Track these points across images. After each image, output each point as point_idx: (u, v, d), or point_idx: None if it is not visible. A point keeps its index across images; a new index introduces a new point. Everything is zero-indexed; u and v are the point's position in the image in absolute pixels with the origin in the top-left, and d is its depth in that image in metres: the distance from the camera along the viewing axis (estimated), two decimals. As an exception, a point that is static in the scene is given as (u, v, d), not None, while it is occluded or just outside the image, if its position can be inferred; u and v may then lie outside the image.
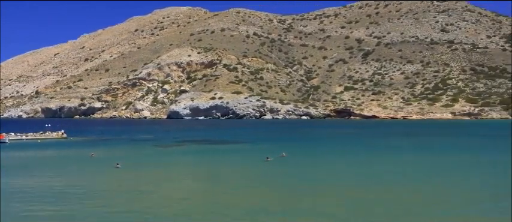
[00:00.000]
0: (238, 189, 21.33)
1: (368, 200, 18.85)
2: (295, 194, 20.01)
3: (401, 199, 19.03)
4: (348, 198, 19.11)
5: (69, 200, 18.77)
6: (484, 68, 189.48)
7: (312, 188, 21.42)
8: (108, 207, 17.49)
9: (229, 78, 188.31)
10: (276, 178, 24.93)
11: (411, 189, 21.24)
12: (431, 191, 20.94)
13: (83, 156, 36.49)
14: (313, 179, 24.25)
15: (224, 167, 30.06)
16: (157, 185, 22.49)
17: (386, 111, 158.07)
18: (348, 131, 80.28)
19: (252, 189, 21.63)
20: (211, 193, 20.52)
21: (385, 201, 18.64)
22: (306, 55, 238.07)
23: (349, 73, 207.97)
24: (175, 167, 30.23)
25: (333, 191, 20.70)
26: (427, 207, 17.52)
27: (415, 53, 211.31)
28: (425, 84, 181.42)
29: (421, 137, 62.91)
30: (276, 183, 23.28)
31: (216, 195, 19.81)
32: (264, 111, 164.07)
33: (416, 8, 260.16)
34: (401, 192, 20.60)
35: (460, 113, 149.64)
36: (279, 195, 19.80)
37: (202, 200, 19.15)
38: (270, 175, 25.91)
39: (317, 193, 20.14)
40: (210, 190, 21.43)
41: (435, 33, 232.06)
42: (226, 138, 57.86)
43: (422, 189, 21.27)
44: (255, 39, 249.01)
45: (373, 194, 19.93)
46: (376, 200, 18.83)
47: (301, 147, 46.07)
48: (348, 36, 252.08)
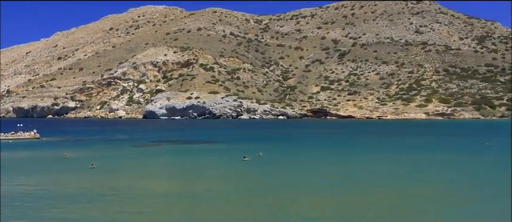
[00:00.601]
0: (215, 190, 21.14)
1: (341, 199, 18.93)
2: (271, 194, 19.95)
3: (380, 199, 19.15)
4: (323, 198, 19.13)
5: (40, 201, 18.22)
6: (457, 69, 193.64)
7: (288, 187, 21.38)
8: (81, 209, 17.05)
9: (205, 78, 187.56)
10: (253, 178, 24.82)
11: (389, 189, 21.41)
12: (408, 189, 21.16)
13: (56, 157, 35.68)
14: (289, 179, 24.24)
15: (201, 167, 29.81)
16: (132, 186, 22.10)
17: (362, 111, 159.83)
18: (324, 130, 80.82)
19: (229, 189, 21.48)
20: (187, 194, 20.27)
21: (360, 201, 18.74)
22: (282, 55, 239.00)
23: (325, 73, 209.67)
24: (151, 168, 29.81)
25: (309, 190, 20.71)
26: (407, 205, 17.67)
27: (390, 54, 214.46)
28: (400, 85, 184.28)
29: (397, 137, 63.75)
30: (253, 183, 23.17)
31: (193, 196, 19.56)
32: (240, 111, 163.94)
33: (391, 10, 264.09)
34: (379, 191, 20.74)
35: (434, 113, 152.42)
36: (256, 195, 19.68)
37: (179, 200, 18.88)
38: (247, 175, 25.79)
39: (293, 192, 20.09)
40: (186, 191, 21.16)
41: (409, 34, 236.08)
42: (203, 138, 57.51)
43: (402, 187, 21.47)
44: (232, 39, 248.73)
45: (346, 194, 20.02)
46: (351, 199, 18.93)
47: (278, 147, 46.11)
48: (324, 36, 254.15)
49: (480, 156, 35.61)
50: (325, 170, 27.90)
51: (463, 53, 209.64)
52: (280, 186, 21.68)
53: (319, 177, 24.79)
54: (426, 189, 21.17)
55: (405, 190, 20.67)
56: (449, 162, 32.34)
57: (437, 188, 21.67)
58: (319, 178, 24.54)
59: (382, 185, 22.28)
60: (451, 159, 34.20)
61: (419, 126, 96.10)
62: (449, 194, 20.11)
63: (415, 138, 59.14)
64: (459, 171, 27.45)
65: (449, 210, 16.92)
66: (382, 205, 17.69)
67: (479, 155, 36.45)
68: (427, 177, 25.11)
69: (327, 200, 18.72)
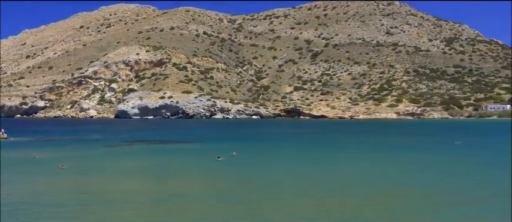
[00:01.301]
0: (189, 190, 21.04)
1: (314, 198, 19.12)
2: (245, 193, 19.98)
3: (354, 199, 19.44)
4: (297, 197, 19.29)
5: (5, 204, 17.75)
6: (426, 70, 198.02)
7: (261, 187, 21.48)
8: (45, 213, 16.67)
9: (178, 78, 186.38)
10: (227, 178, 24.84)
11: (364, 189, 21.73)
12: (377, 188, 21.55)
13: (25, 157, 34.81)
14: (263, 178, 24.36)
15: (174, 168, 29.63)
16: (104, 187, 21.80)
17: (334, 111, 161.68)
18: (297, 130, 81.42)
19: (202, 189, 21.43)
20: (161, 195, 20.09)
21: (334, 200, 18.99)
22: (256, 55, 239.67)
23: (298, 73, 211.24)
24: (123, 168, 29.43)
25: (283, 190, 20.85)
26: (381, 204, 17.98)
27: (361, 55, 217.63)
28: (372, 85, 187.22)
29: (370, 136, 64.77)
30: (227, 183, 23.19)
31: (166, 197, 19.42)
32: (214, 111, 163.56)
33: (362, 11, 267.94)
34: (353, 191, 21.06)
35: (404, 113, 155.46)
36: (229, 195, 19.69)
37: (151, 202, 18.70)
38: (221, 175, 25.79)
39: (266, 192, 20.18)
40: (159, 192, 20.97)
41: (381, 35, 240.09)
42: (177, 138, 57.16)
43: (378, 187, 21.84)
44: (205, 38, 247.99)
45: (319, 193, 20.23)
46: (324, 199, 19.15)
47: (252, 146, 46.24)
48: (297, 37, 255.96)
49: (452, 155, 36.53)
50: (298, 169, 28.13)
51: (432, 54, 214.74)
52: (253, 186, 21.76)
53: (292, 177, 24.98)
54: (399, 189, 21.61)
55: (380, 190, 21.04)
56: (422, 160, 33.07)
57: (410, 187, 22.14)
58: (293, 178, 24.74)
59: (356, 185, 22.61)
60: (424, 157, 34.97)
61: (391, 126, 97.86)
62: (424, 194, 20.59)
63: (387, 138, 60.22)
64: (431, 170, 28.09)
65: (421, 210, 17.32)
66: (357, 205, 17.98)
67: (451, 154, 37.39)
68: (399, 175, 25.61)
69: (300, 199, 18.90)
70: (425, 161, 32.60)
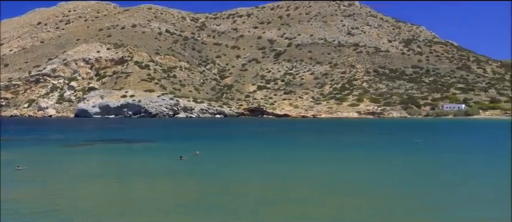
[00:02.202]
0: (150, 189, 20.92)
1: (277, 196, 19.42)
2: (207, 193, 19.98)
3: (316, 196, 19.85)
4: (260, 196, 19.48)
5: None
6: (386, 70, 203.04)
7: (224, 186, 21.60)
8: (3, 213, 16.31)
9: (141, 76, 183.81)
10: (189, 177, 24.82)
11: (326, 187, 22.21)
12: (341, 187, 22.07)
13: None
14: (226, 177, 24.48)
15: (136, 166, 29.28)
16: (63, 187, 21.38)
17: (297, 110, 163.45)
18: (260, 129, 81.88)
19: (164, 188, 21.32)
20: (121, 194, 19.93)
21: (296, 198, 19.35)
22: (219, 54, 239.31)
23: (261, 73, 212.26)
24: (84, 168, 28.91)
25: (246, 189, 21.05)
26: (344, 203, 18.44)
27: (323, 55, 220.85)
28: (334, 85, 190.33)
29: (332, 135, 65.93)
30: (189, 182, 23.18)
31: (127, 196, 19.26)
32: (177, 110, 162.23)
33: (324, 12, 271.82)
34: (317, 189, 21.48)
35: (365, 112, 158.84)
36: (192, 195, 19.71)
37: (111, 201, 18.54)
38: (183, 174, 25.74)
39: (229, 191, 20.32)
40: (120, 191, 20.78)
41: (342, 36, 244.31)
42: (139, 137, 56.45)
43: (340, 185, 22.36)
44: (168, 36, 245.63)
45: (281, 191, 20.55)
46: (285, 197, 19.48)
47: (215, 145, 46.25)
48: (260, 36, 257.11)
49: (413, 153, 37.74)
50: (262, 168, 28.41)
51: (391, 54, 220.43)
52: (215, 185, 21.84)
53: (256, 176, 25.22)
54: (360, 187, 22.20)
55: (342, 187, 21.57)
56: (384, 158, 33.99)
57: (370, 184, 22.81)
58: (257, 176, 24.97)
59: (319, 183, 23.07)
60: (386, 155, 35.97)
61: (353, 125, 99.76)
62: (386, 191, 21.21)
63: (350, 136, 61.44)
64: (395, 167, 28.96)
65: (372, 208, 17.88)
66: (317, 202, 18.37)
67: (412, 152, 38.62)
68: (361, 173, 26.28)
69: (262, 198, 19.14)
70: (387, 159, 33.55)
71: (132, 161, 32.72)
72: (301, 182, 22.76)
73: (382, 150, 40.65)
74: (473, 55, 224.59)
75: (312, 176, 24.66)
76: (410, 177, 24.75)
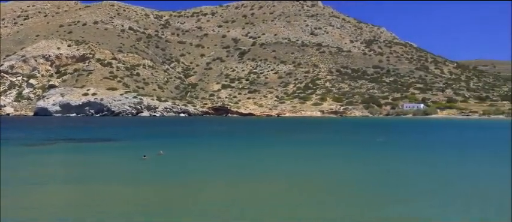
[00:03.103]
0: (112, 190, 20.73)
1: (243, 195, 19.81)
2: (170, 193, 19.87)
3: (282, 191, 20.37)
4: (223, 195, 19.67)
5: None
6: (348, 70, 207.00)
7: (187, 186, 21.67)
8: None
9: (103, 74, 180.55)
10: (152, 177, 24.76)
11: (290, 180, 22.78)
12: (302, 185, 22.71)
13: None
14: (189, 176, 24.57)
15: (98, 166, 28.89)
16: (21, 189, 21.03)
17: (262, 109, 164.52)
18: (225, 128, 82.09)
19: (125, 189, 21.11)
20: (81, 195, 19.77)
21: (264, 196, 19.79)
22: (183, 52, 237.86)
23: (226, 71, 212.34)
24: (44, 168, 28.36)
25: (209, 189, 21.19)
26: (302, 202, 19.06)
27: (287, 54, 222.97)
28: (297, 84, 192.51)
29: (297, 133, 66.88)
30: (152, 182, 23.10)
31: (86, 198, 19.02)
32: (141, 109, 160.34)
33: (288, 12, 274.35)
34: (283, 184, 21.99)
35: (328, 111, 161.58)
36: (154, 195, 19.59)
37: (71, 202, 18.42)
38: (146, 174, 25.68)
39: (192, 191, 20.42)
40: (80, 191, 20.56)
41: (305, 36, 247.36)
42: (102, 136, 55.65)
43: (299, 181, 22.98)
44: (131, 34, 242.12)
45: (248, 189, 20.93)
46: (252, 194, 19.87)
47: (180, 144, 46.18)
48: (224, 35, 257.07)
49: (376, 151, 38.97)
50: (226, 167, 28.71)
51: (353, 55, 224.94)
52: (179, 186, 21.90)
53: (220, 174, 25.47)
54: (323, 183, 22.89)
55: (307, 186, 22.15)
56: (348, 156, 34.97)
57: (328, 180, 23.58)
58: (221, 175, 25.23)
59: (285, 177, 23.60)
60: (350, 153, 37.00)
61: (316, 124, 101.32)
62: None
63: (313, 135, 62.50)
64: (357, 164, 29.92)
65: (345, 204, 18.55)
66: (282, 201, 18.82)
67: (375, 150, 39.87)
68: (324, 171, 27.02)
69: (226, 197, 19.43)
70: (351, 157, 34.55)
71: (94, 160, 32.31)
72: (266, 181, 23.21)
73: (346, 148, 41.74)
74: (431, 56, 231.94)
75: (277, 175, 25.19)
76: (371, 174, 25.69)
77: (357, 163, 30.58)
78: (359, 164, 29.93)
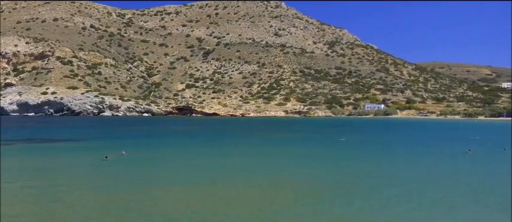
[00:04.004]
0: (71, 192, 20.41)
1: (205, 195, 20.04)
2: (131, 194, 19.68)
3: (245, 192, 20.74)
4: (184, 195, 19.73)
5: None
6: (311, 71, 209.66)
7: (149, 187, 21.55)
8: None
9: (63, 72, 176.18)
10: (113, 178, 24.53)
11: (256, 182, 23.17)
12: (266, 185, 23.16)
13: None
14: (151, 177, 24.43)
15: (57, 168, 28.38)
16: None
17: (226, 109, 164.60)
18: (189, 127, 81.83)
19: (86, 191, 20.83)
20: (39, 197, 19.35)
21: (226, 196, 20.09)
22: (146, 51, 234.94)
23: (190, 71, 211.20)
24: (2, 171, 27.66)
25: (170, 190, 21.14)
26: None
27: (252, 55, 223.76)
28: (262, 84, 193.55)
29: (261, 133, 67.43)
30: (113, 183, 22.87)
31: (45, 201, 18.59)
32: (102, 108, 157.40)
33: (252, 12, 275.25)
34: (245, 185, 22.36)
35: (292, 111, 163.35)
36: (115, 197, 19.33)
37: (29, 205, 18.09)
38: (107, 175, 25.41)
39: (154, 192, 20.20)
40: (39, 194, 20.15)
41: (269, 36, 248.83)
42: (62, 137, 54.48)
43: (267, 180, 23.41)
44: (92, 32, 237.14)
45: (210, 190, 21.16)
46: (214, 195, 20.14)
47: (143, 144, 45.83)
48: (188, 34, 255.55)
49: (338, 150, 39.91)
50: (189, 167, 28.78)
51: (316, 56, 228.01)
52: (140, 186, 21.73)
53: (183, 174, 25.54)
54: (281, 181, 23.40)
55: (272, 185, 22.57)
56: (311, 155, 35.67)
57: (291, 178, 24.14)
58: (184, 175, 25.31)
59: (247, 178, 23.97)
60: (313, 152, 37.74)
61: (280, 123, 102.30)
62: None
63: (278, 135, 63.22)
64: (319, 163, 30.61)
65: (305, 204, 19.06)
66: (245, 201, 19.16)
67: (338, 149, 40.82)
68: (290, 171, 27.55)
69: (189, 197, 19.53)
70: (314, 156, 35.26)
71: (53, 161, 31.71)
72: (230, 181, 23.51)
73: (310, 148, 42.53)
74: (391, 58, 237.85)
75: (240, 175, 25.52)
76: (334, 172, 26.45)
77: (321, 162, 31.32)
78: (323, 164, 30.67)
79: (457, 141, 50.97)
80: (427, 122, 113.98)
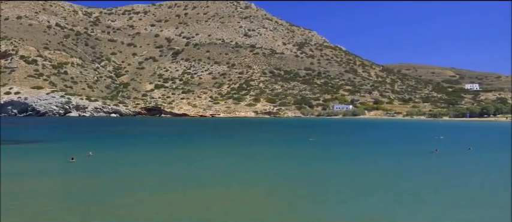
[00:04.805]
0: (35, 195, 19.77)
1: (174, 197, 19.88)
2: (98, 197, 19.21)
3: (217, 194, 20.65)
4: (152, 196, 19.41)
5: None
6: (281, 72, 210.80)
7: (117, 188, 21.25)
8: None
9: (27, 72, 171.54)
10: (79, 180, 23.94)
11: (226, 184, 23.10)
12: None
13: None
14: (120, 179, 24.05)
15: (21, 170, 27.50)
16: None
17: (196, 110, 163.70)
18: (158, 128, 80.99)
19: (51, 194, 20.28)
20: (4, 200, 18.71)
21: (193, 198, 19.98)
22: (114, 51, 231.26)
23: (159, 71, 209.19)
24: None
25: (138, 191, 20.79)
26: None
27: (221, 55, 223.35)
28: (231, 85, 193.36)
29: (231, 132, 67.43)
30: (80, 185, 22.39)
31: (8, 204, 18.00)
32: (69, 109, 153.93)
33: (222, 12, 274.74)
34: (217, 187, 22.26)
35: (262, 112, 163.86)
36: (81, 198, 18.97)
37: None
38: (74, 177, 24.82)
39: (121, 193, 19.92)
40: (4, 195, 19.49)
41: (239, 37, 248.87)
42: (26, 138, 52.97)
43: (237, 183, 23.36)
44: (58, 30, 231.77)
45: (179, 192, 20.98)
46: (183, 197, 20.03)
47: (110, 145, 45.07)
48: (157, 34, 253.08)
49: (309, 150, 40.23)
50: (157, 169, 28.48)
51: (286, 57, 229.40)
52: (107, 188, 21.37)
53: (151, 176, 25.22)
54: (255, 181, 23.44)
55: (242, 185, 22.55)
56: (285, 154, 35.86)
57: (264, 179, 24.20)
58: (151, 177, 25.01)
59: (219, 181, 23.85)
60: (286, 152, 37.95)
61: (250, 124, 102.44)
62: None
63: (248, 135, 63.28)
64: (293, 161, 30.79)
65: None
66: (218, 200, 19.10)
67: (309, 149, 41.15)
68: (262, 171, 27.59)
69: (157, 198, 19.30)
70: (287, 155, 35.48)
71: (17, 163, 30.81)
72: (198, 182, 23.39)
73: (281, 148, 42.79)
74: (359, 59, 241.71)
75: (209, 177, 25.42)
76: (304, 171, 26.66)
77: (292, 162, 31.54)
78: (293, 164, 30.89)
79: (423, 141, 52.28)
80: (394, 123, 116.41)
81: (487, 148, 43.37)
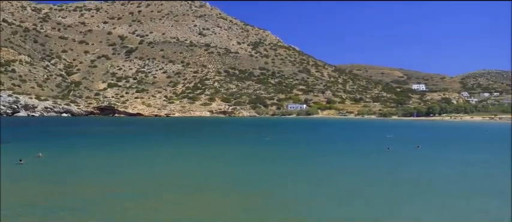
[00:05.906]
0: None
1: (127, 197, 20.24)
2: (49, 199, 18.99)
3: (172, 196, 21.14)
4: (107, 196, 19.55)
5: None
6: (236, 71, 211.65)
7: (72, 189, 21.20)
8: None
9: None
10: (30, 181, 23.63)
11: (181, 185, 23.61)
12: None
13: None
14: (71, 181, 23.76)
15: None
16: None
17: (150, 109, 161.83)
18: (111, 128, 79.86)
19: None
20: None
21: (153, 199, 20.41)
22: (65, 48, 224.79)
23: (112, 70, 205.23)
24: None
25: (90, 191, 20.78)
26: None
27: (176, 54, 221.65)
28: (186, 84, 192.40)
29: (186, 132, 67.47)
30: (28, 187, 22.05)
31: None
32: (17, 108, 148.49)
33: (176, 11, 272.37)
34: (174, 189, 22.73)
35: (217, 111, 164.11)
36: (31, 201, 18.47)
37: None
38: (23, 179, 24.39)
39: (73, 196, 19.67)
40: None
41: (194, 36, 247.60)
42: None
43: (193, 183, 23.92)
44: (5, 26, 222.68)
45: (133, 191, 21.28)
46: (140, 195, 20.39)
47: (61, 146, 44.24)
48: (110, 32, 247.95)
49: (265, 149, 41.21)
50: (110, 168, 28.53)
51: (240, 56, 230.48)
52: (58, 191, 21.00)
53: (103, 177, 25.22)
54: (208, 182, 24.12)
55: (201, 186, 23.10)
56: (242, 154, 36.60)
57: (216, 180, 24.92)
58: (105, 177, 25.07)
59: (174, 181, 24.30)
60: (244, 151, 38.69)
61: (206, 124, 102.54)
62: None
63: (204, 136, 63.63)
64: (250, 160, 31.59)
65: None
66: (171, 204, 19.56)
67: (265, 148, 42.15)
68: (218, 171, 28.23)
69: (111, 198, 19.48)
70: (245, 155, 36.28)
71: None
72: (152, 183, 23.67)
73: (239, 147, 43.60)
74: (312, 60, 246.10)
75: (164, 177, 25.77)
76: (261, 170, 27.55)
77: (248, 161, 32.41)
78: (250, 162, 31.77)
79: (374, 139, 54.57)
80: (346, 122, 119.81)
81: (435, 146, 45.64)
